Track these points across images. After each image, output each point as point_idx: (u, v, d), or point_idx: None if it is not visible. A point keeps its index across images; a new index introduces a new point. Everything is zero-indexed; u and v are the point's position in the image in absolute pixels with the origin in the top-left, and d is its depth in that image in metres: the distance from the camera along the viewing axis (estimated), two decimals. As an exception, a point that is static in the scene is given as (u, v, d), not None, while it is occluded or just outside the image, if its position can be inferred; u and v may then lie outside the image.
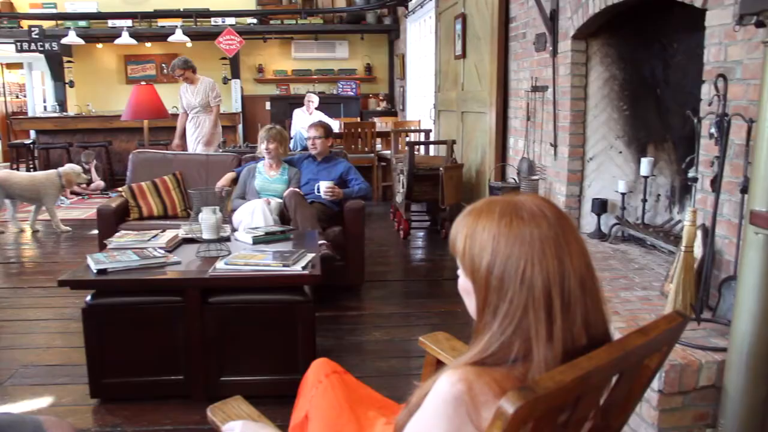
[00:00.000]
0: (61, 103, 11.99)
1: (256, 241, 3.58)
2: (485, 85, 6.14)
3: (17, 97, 16.53)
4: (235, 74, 11.77)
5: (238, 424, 1.52)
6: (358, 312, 4.51)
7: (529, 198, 1.19)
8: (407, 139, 8.84)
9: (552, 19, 4.66)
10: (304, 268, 2.95)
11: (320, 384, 1.71)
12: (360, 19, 11.87)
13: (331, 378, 1.72)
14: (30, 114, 12.74)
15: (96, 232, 6.80)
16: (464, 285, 1.21)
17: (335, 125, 9.95)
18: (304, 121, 9.58)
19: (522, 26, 5.42)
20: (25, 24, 11.46)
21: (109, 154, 10.50)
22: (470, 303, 1.22)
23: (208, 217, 3.23)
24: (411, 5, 10.27)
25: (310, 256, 3.12)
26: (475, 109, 6.54)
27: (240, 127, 11.27)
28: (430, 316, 4.42)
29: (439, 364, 1.93)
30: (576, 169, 4.59)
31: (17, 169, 11.15)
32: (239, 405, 1.61)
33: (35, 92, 13.38)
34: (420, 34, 10.22)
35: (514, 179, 5.39)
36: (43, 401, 3.22)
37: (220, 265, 3.00)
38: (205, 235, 3.27)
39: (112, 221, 4.71)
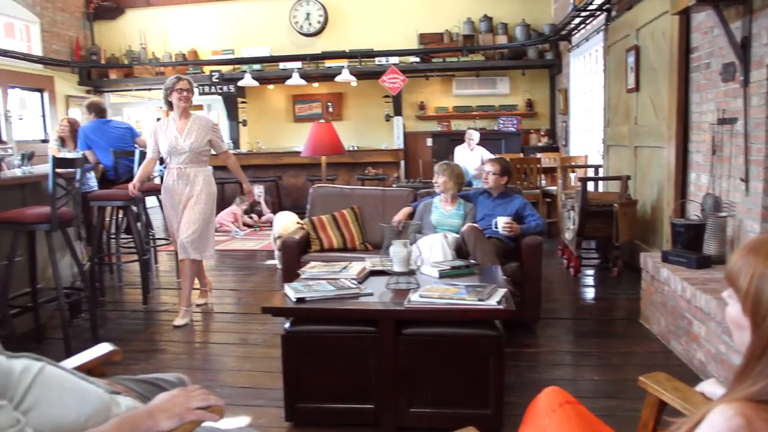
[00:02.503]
0: (235, 141, 12.80)
1: (443, 275, 3.62)
2: (662, 119, 5.92)
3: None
4: (398, 111, 12.07)
5: None
6: (535, 349, 4.44)
7: None
8: (572, 174, 8.72)
9: (743, 47, 4.43)
10: (498, 302, 2.96)
11: (554, 413, 1.68)
12: (521, 55, 11.85)
13: (565, 408, 1.69)
14: (207, 151, 13.65)
15: (269, 262, 7.22)
16: (737, 320, 1.18)
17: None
18: (465, 157, 9.68)
19: (705, 56, 5.19)
20: (206, 69, 12.38)
21: (278, 189, 11.04)
22: (740, 336, 1.18)
23: (399, 250, 3.31)
24: (575, 39, 10.13)
25: (501, 291, 3.12)
26: (650, 143, 6.32)
27: (402, 163, 11.48)
28: (610, 356, 4.28)
29: (662, 405, 1.86)
30: (772, 205, 4.31)
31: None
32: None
33: (212, 131, 14.32)
34: (584, 68, 10.04)
35: (697, 216, 5.13)
36: (241, 421, 3.38)
37: (414, 297, 3.06)
38: (396, 268, 3.35)
39: (295, 252, 4.94)
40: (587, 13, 8.44)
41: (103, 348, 2.10)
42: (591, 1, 7.72)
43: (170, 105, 5.27)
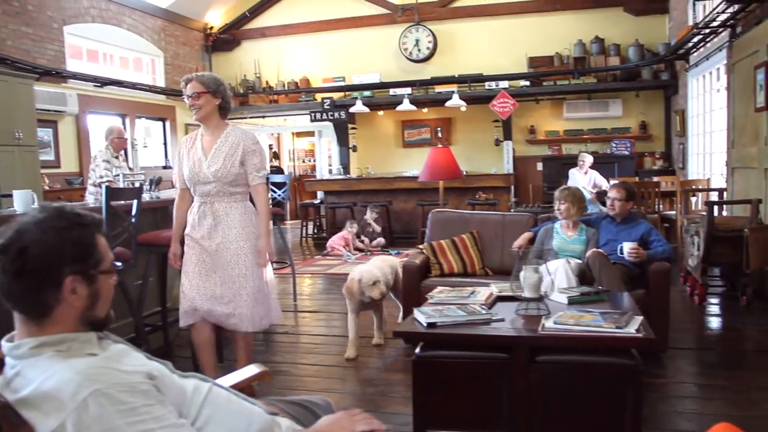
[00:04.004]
0: (345, 167, 13.04)
1: (572, 301, 3.54)
2: (798, 139, 5.63)
3: (303, 161, 18.27)
4: (507, 136, 11.98)
5: None
6: (665, 380, 4.26)
7: None
8: (693, 198, 8.39)
9: None
10: (637, 330, 2.87)
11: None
12: (635, 76, 11.58)
13: (740, 446, 1.62)
14: (318, 176, 14.00)
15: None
16: None
17: (603, 183, 9.72)
18: (578, 180, 9.56)
19: None
20: (318, 96, 12.74)
21: (388, 213, 11.14)
22: None
23: (529, 275, 3.28)
24: (693, 58, 9.80)
25: (638, 318, 3.03)
26: (782, 165, 6.02)
27: (512, 188, 11.36)
28: (747, 390, 4.06)
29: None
30: None
31: (305, 226, 12.21)
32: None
33: (322, 157, 14.71)
34: (704, 88, 9.68)
35: (840, 242, 4.85)
36: (371, 445, 3.40)
37: (548, 323, 3.01)
38: (526, 294, 3.31)
39: (416, 277, 4.94)
40: (708, 30, 8.15)
41: (254, 368, 2.17)
42: (714, 17, 7.45)
43: None
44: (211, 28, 13.76)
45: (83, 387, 1.35)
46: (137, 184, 5.44)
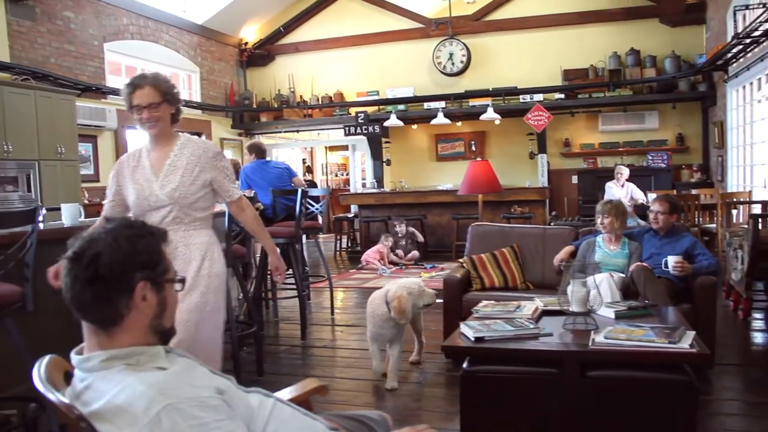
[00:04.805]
0: (379, 180, 13.06)
1: (619, 315, 3.50)
2: None
3: (336, 175, 18.37)
4: (542, 149, 11.92)
5: None
6: (712, 397, 4.16)
7: None
8: (734, 211, 8.26)
9: None
10: (690, 345, 2.82)
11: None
12: (671, 88, 11.46)
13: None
14: (352, 190, 14.04)
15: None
16: None
17: (640, 196, 9.62)
18: (615, 193, 9.49)
19: None
20: (352, 111, 12.81)
21: (423, 227, 11.11)
22: None
23: (578, 290, 3.25)
24: (732, 69, 9.67)
25: (691, 333, 2.97)
26: (828, 177, 5.90)
27: (547, 201, 11.28)
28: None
29: None
30: None
31: (339, 240, 12.24)
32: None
33: (356, 170, 14.76)
34: (744, 99, 9.54)
35: None
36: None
37: (599, 338, 2.97)
38: (574, 308, 3.28)
39: (457, 291, 4.91)
40: (749, 40, 8.03)
41: (311, 383, 2.16)
42: (756, 27, 7.34)
43: None
44: (246, 43, 13.92)
45: (155, 402, 1.37)
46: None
